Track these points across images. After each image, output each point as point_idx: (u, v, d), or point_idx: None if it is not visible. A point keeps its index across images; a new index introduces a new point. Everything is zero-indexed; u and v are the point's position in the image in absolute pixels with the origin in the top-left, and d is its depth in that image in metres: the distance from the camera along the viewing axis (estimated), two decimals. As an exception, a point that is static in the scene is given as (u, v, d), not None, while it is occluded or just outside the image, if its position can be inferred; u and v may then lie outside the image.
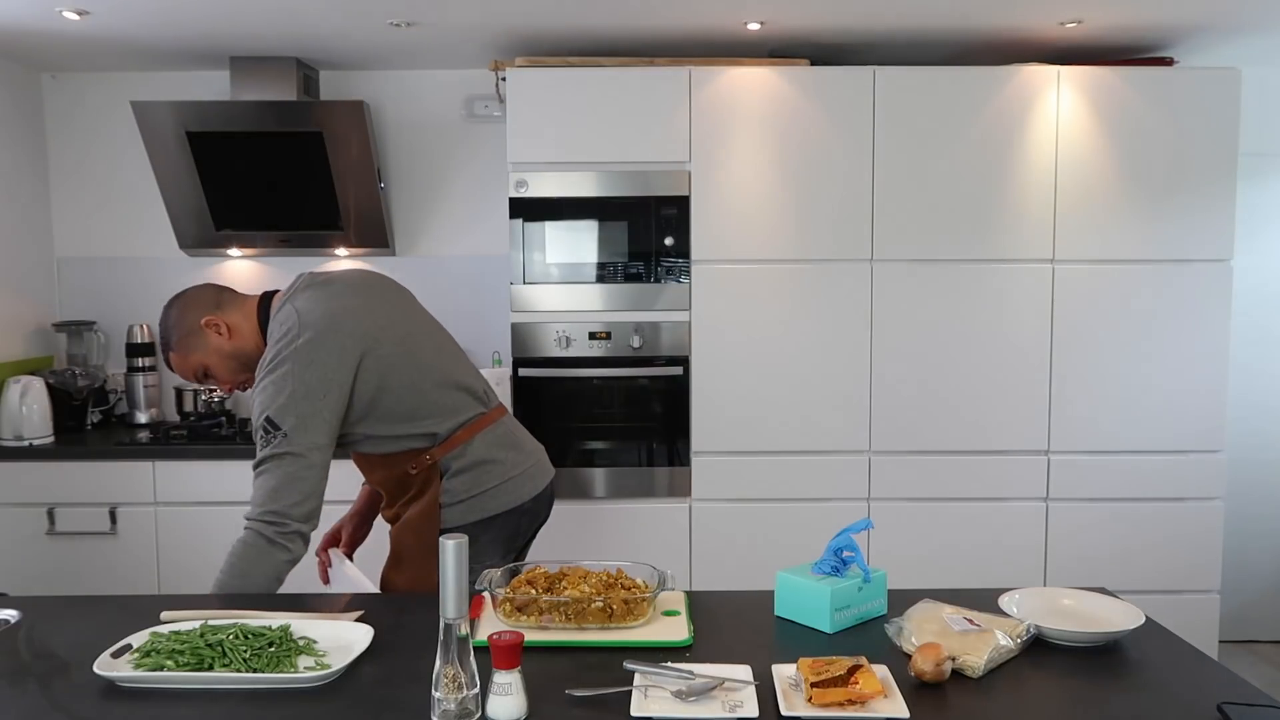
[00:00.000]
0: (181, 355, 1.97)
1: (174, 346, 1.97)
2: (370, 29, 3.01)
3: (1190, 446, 3.15)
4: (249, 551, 1.77)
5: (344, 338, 1.85)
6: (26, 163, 3.52)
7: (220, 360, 1.96)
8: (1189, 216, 3.09)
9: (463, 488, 1.97)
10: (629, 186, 3.07)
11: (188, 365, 1.97)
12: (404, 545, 1.99)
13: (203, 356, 1.96)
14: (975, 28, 3.03)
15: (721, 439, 3.13)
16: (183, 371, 1.98)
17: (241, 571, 1.76)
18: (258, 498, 1.79)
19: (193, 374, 1.98)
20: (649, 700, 1.27)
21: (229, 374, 1.98)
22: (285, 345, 1.83)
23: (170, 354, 1.98)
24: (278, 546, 1.77)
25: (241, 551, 1.77)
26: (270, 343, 1.87)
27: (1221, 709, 1.24)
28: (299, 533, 1.79)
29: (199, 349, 1.95)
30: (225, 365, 1.96)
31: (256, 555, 1.77)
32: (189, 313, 1.96)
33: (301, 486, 1.78)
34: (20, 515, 3.12)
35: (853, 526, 1.65)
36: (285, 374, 1.81)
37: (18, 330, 3.46)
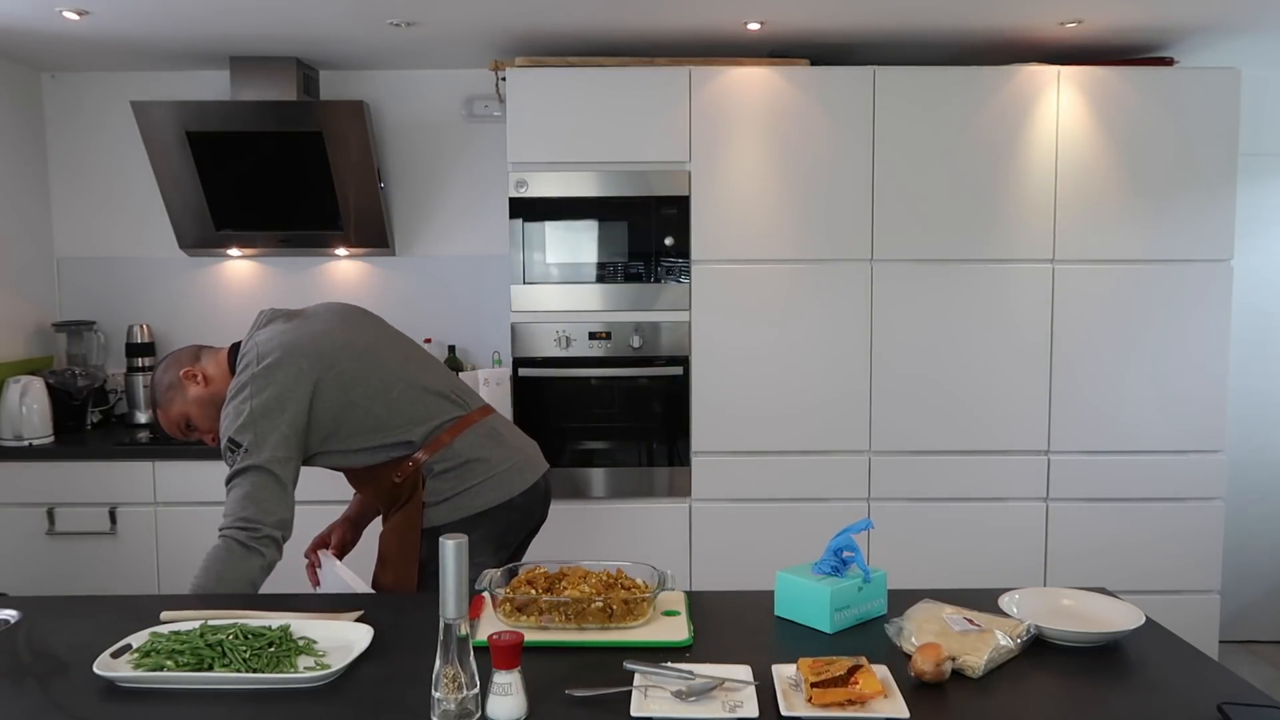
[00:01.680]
0: (165, 410, 2.05)
1: (160, 403, 2.05)
2: (370, 29, 3.01)
3: (1190, 446, 3.15)
4: (224, 555, 1.82)
5: (299, 359, 1.94)
6: (26, 163, 3.52)
7: (199, 409, 2.03)
8: (1189, 216, 3.09)
9: (446, 487, 2.00)
10: (629, 186, 3.07)
11: (170, 418, 2.05)
12: (387, 547, 2.05)
13: (183, 406, 2.03)
14: (975, 28, 3.03)
15: (721, 439, 3.13)
16: (169, 426, 2.06)
17: (217, 575, 1.80)
18: (230, 509, 1.88)
19: (176, 427, 2.06)
20: (649, 700, 1.27)
21: (208, 421, 2.04)
22: (244, 373, 1.94)
23: (158, 411, 2.06)
24: (252, 551, 1.83)
25: (216, 556, 1.82)
26: (234, 379, 1.95)
27: (1221, 709, 1.24)
28: (271, 538, 1.86)
29: (179, 400, 2.03)
30: (204, 413, 2.03)
31: (231, 560, 1.82)
32: (170, 369, 2.05)
33: (267, 495, 1.86)
34: (20, 515, 3.12)
35: (853, 526, 1.65)
36: (244, 398, 1.90)
37: (18, 330, 3.46)
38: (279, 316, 2.06)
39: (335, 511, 3.15)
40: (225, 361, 2.05)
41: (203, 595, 1.79)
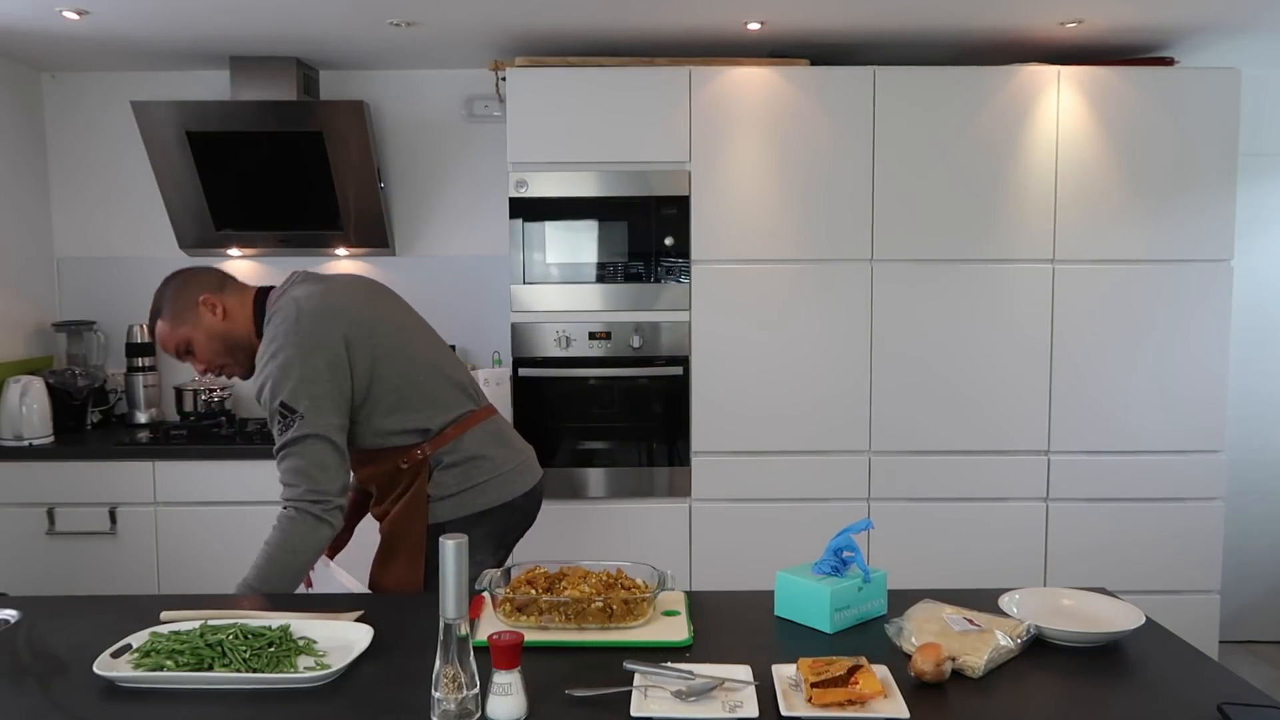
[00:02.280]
0: (170, 326, 1.96)
1: (165, 315, 1.96)
2: (370, 29, 3.01)
3: (1190, 446, 3.15)
4: (300, 528, 1.81)
5: (342, 324, 1.90)
6: (26, 163, 3.52)
7: (207, 340, 1.96)
8: (1189, 216, 3.09)
9: (453, 482, 1.98)
10: (629, 186, 3.07)
11: (172, 337, 1.97)
12: (394, 539, 1.99)
13: (190, 331, 1.96)
14: (975, 28, 3.03)
15: (721, 439, 3.13)
16: (165, 342, 1.98)
17: (294, 548, 1.80)
18: (292, 479, 1.84)
19: (174, 347, 1.98)
20: (649, 700, 1.26)
21: (211, 354, 1.97)
22: (287, 332, 1.86)
23: (159, 321, 1.97)
24: (324, 523, 1.83)
25: (291, 529, 1.81)
26: (270, 331, 1.89)
27: (1221, 709, 1.24)
28: (340, 507, 1.85)
29: (188, 323, 1.96)
30: (210, 345, 1.96)
31: (305, 531, 1.81)
32: (189, 287, 1.97)
33: (331, 463, 1.85)
34: (20, 515, 3.12)
35: (853, 526, 1.65)
36: (290, 359, 1.84)
37: (18, 330, 3.46)
38: (312, 278, 2.00)
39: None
40: (251, 304, 1.97)
41: (202, 596, 1.78)
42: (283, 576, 1.80)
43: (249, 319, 1.97)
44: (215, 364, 1.99)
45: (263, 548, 1.82)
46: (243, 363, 1.99)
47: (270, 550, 1.81)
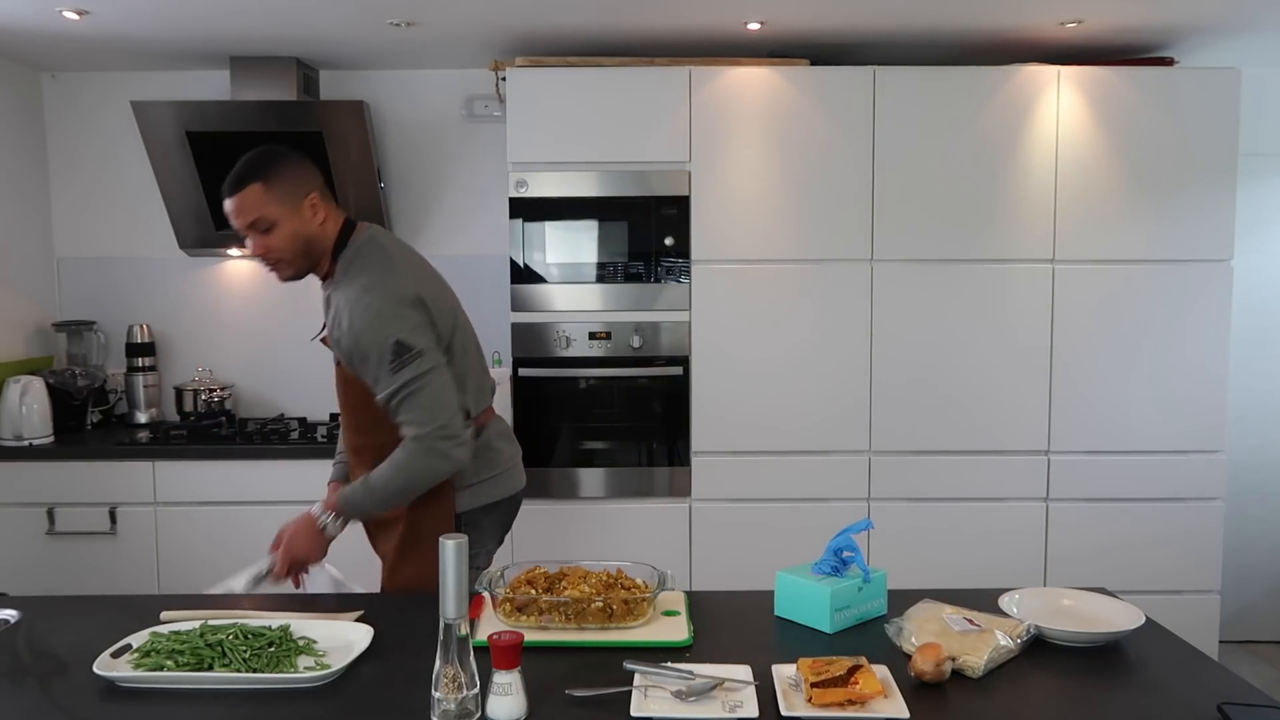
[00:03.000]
0: (266, 196, 1.83)
1: (267, 183, 1.84)
2: (370, 29, 3.01)
3: (1190, 446, 3.14)
4: (426, 460, 1.81)
5: (436, 284, 1.96)
6: (26, 163, 3.52)
7: (293, 233, 1.87)
8: (1189, 216, 3.09)
9: (473, 471, 1.99)
10: (629, 186, 3.07)
11: (260, 207, 1.83)
12: (419, 527, 1.96)
13: (282, 214, 1.85)
14: (975, 28, 3.03)
15: (721, 439, 3.13)
16: (247, 206, 1.83)
17: (414, 475, 1.82)
18: (420, 416, 1.80)
19: (253, 216, 1.84)
20: (649, 700, 1.27)
21: (285, 246, 1.87)
22: (398, 273, 1.87)
23: (255, 184, 1.83)
24: (450, 459, 1.82)
25: (420, 459, 1.81)
26: (370, 269, 1.87)
27: (1221, 709, 1.24)
28: (466, 443, 1.86)
29: (287, 206, 1.85)
30: (292, 240, 1.87)
31: (433, 464, 1.82)
32: (305, 177, 1.89)
33: (452, 401, 1.85)
34: (20, 515, 3.12)
35: (853, 526, 1.65)
36: (400, 300, 1.83)
37: (18, 330, 3.46)
38: (390, 234, 2.00)
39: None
40: (339, 226, 1.92)
41: (202, 595, 1.78)
42: (387, 500, 1.83)
43: (332, 238, 1.91)
44: (280, 256, 1.88)
45: (384, 468, 1.82)
46: (302, 269, 1.93)
47: (391, 473, 1.81)
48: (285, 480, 3.10)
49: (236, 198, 1.84)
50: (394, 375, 1.80)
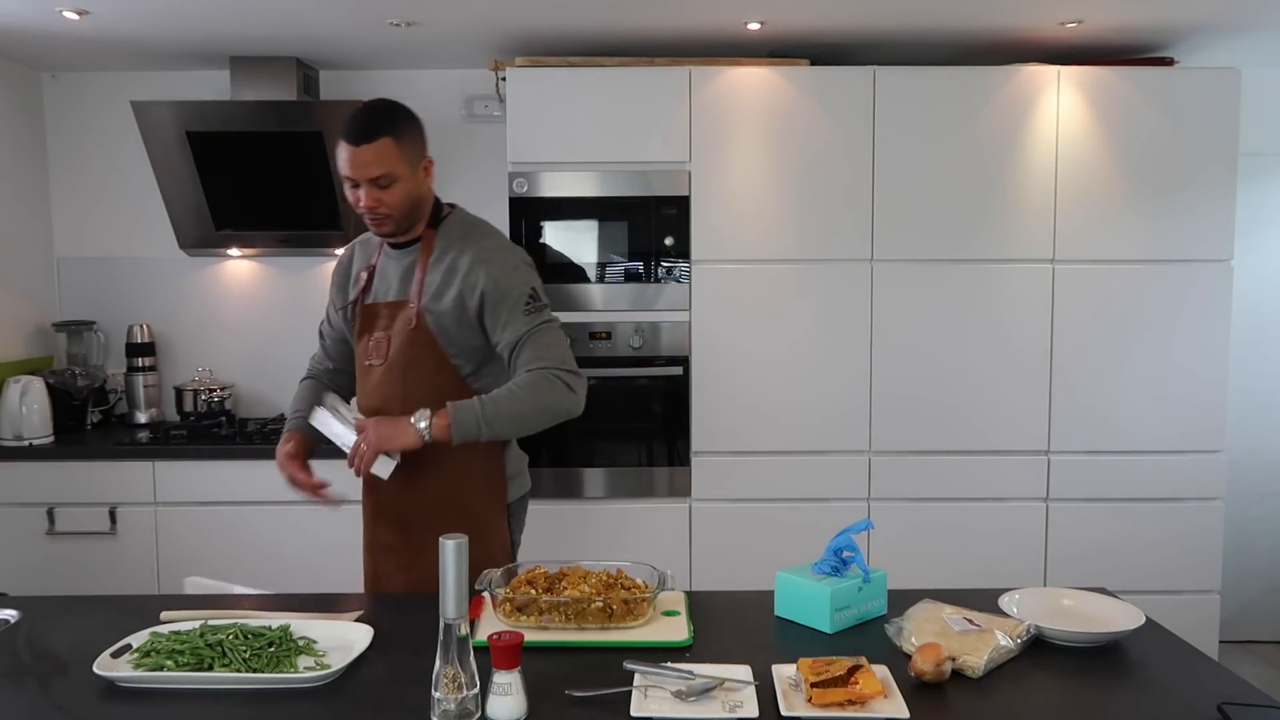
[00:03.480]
0: (397, 151, 1.84)
1: (400, 139, 1.85)
2: (370, 29, 3.01)
3: (1190, 446, 3.14)
4: (553, 387, 1.85)
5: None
6: (26, 163, 3.52)
7: (407, 194, 1.89)
8: (1189, 216, 3.09)
9: (514, 460, 2.06)
10: (629, 186, 3.07)
11: (391, 160, 1.84)
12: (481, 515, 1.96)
13: (403, 172, 1.86)
14: (975, 28, 3.03)
15: (721, 439, 3.13)
16: (380, 158, 1.83)
17: (536, 398, 1.84)
18: (547, 353, 1.88)
19: (377, 171, 1.83)
20: (649, 700, 1.27)
21: (398, 202, 1.88)
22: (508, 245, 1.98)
23: (389, 138, 1.83)
24: (575, 394, 1.89)
25: (546, 386, 1.85)
26: (487, 229, 1.99)
27: (1221, 709, 1.24)
28: (583, 390, 1.92)
29: (408, 165, 1.87)
30: (407, 197, 1.89)
31: (560, 393, 1.86)
32: (423, 139, 1.94)
33: (570, 351, 1.94)
34: (20, 515, 3.12)
35: (853, 526, 1.65)
36: (529, 262, 1.97)
37: (18, 330, 3.46)
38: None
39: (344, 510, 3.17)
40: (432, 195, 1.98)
41: (202, 596, 1.78)
42: (504, 418, 1.82)
43: (430, 205, 1.97)
44: (390, 212, 1.88)
45: (503, 391, 1.84)
46: (401, 228, 1.93)
47: (519, 392, 1.84)
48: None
49: (367, 148, 1.83)
50: (527, 318, 1.89)
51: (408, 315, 1.93)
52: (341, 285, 2.10)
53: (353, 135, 1.84)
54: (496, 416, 1.82)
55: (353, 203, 1.89)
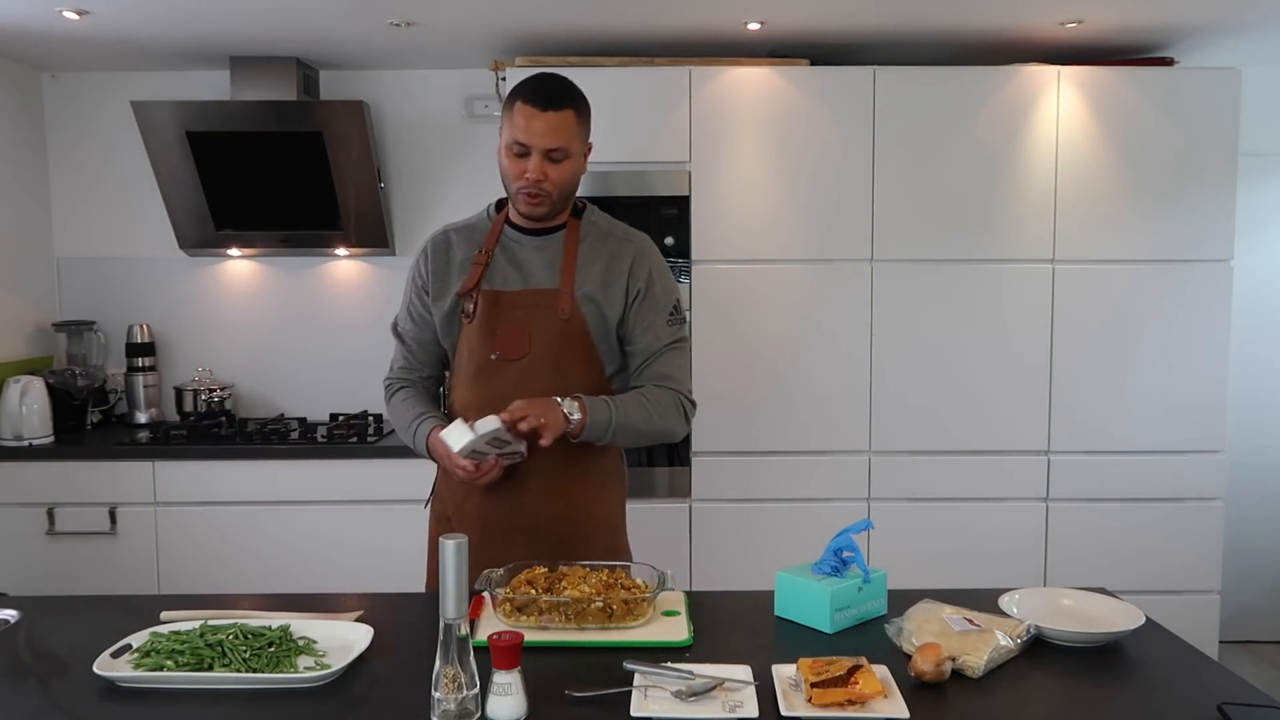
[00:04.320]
0: (575, 121, 1.80)
1: (578, 110, 1.81)
2: (370, 29, 3.01)
3: (1190, 446, 3.14)
4: (676, 412, 1.86)
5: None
6: (26, 163, 3.52)
7: (573, 173, 1.83)
8: (1189, 216, 3.09)
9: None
10: (629, 186, 3.07)
11: (570, 131, 1.78)
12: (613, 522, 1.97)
13: (577, 149, 1.82)
14: (975, 28, 3.03)
15: (721, 439, 3.13)
16: (559, 127, 1.77)
17: (657, 414, 1.83)
18: (685, 378, 1.90)
19: (559, 141, 1.77)
20: (649, 700, 1.26)
21: (563, 184, 1.82)
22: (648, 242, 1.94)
23: (570, 109, 1.78)
24: (687, 425, 1.89)
25: (671, 407, 1.85)
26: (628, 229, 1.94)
27: (1221, 709, 1.24)
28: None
29: (581, 144, 1.84)
30: (571, 179, 1.83)
31: (678, 417, 1.86)
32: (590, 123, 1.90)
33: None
34: (20, 515, 3.12)
35: (853, 526, 1.65)
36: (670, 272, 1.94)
37: (18, 330, 3.46)
38: None
39: (345, 510, 3.16)
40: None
41: (203, 595, 1.78)
42: (624, 426, 1.78)
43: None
44: (554, 188, 1.81)
45: (631, 398, 1.81)
46: (556, 209, 1.86)
47: (650, 408, 1.81)
48: (285, 480, 3.10)
49: (554, 115, 1.77)
50: (670, 329, 1.87)
51: (560, 305, 1.82)
52: (442, 275, 1.89)
53: (540, 100, 1.76)
54: (625, 426, 1.78)
55: (512, 175, 1.80)
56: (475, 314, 1.85)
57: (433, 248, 1.93)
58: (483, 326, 1.84)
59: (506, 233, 1.90)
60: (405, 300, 1.97)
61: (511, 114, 1.79)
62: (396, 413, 1.94)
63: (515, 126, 1.77)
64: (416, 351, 1.97)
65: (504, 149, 1.81)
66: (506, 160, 1.81)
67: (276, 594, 1.79)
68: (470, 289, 1.86)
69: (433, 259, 1.91)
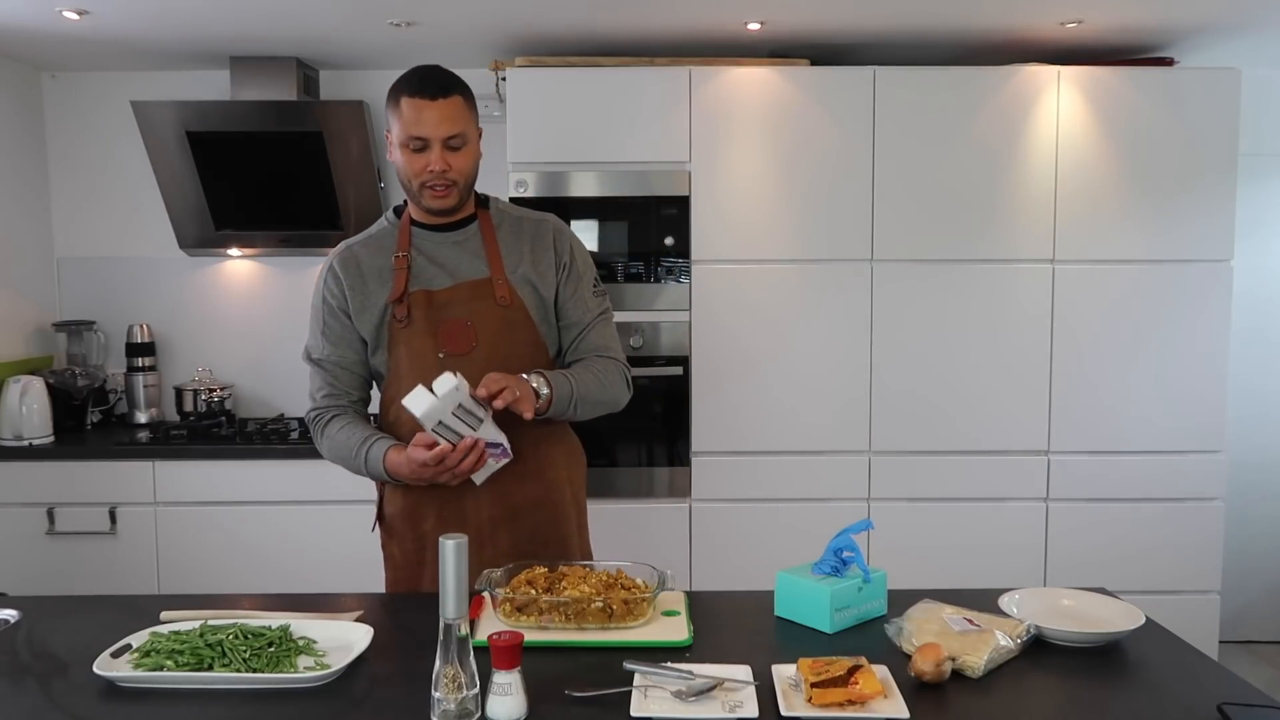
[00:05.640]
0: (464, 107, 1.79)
1: (465, 95, 1.80)
2: (370, 29, 3.01)
3: (1190, 446, 3.14)
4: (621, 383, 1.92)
5: None
6: (26, 163, 3.52)
7: (474, 160, 1.83)
8: (1189, 216, 3.09)
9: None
10: (629, 186, 3.07)
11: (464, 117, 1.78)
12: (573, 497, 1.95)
13: (473, 135, 1.82)
14: (975, 28, 3.03)
15: (721, 439, 3.13)
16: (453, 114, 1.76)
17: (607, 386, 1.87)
18: (619, 347, 1.96)
19: (457, 128, 1.76)
20: (649, 700, 1.27)
21: (466, 172, 1.81)
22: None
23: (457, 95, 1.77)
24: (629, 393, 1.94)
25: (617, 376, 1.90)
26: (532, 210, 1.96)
27: (1221, 709, 1.24)
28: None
29: (475, 129, 1.83)
30: (472, 166, 1.83)
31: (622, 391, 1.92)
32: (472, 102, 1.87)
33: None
34: (20, 515, 3.12)
35: (853, 527, 1.65)
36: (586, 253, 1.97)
37: (18, 330, 3.46)
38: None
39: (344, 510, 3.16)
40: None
41: (203, 595, 1.78)
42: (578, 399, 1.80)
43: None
44: (458, 178, 1.80)
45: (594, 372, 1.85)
46: (463, 199, 1.84)
47: (602, 379, 1.85)
48: (285, 480, 3.10)
49: (445, 103, 1.75)
50: (596, 300, 1.92)
51: (497, 292, 1.82)
52: (359, 289, 1.84)
53: (428, 90, 1.74)
54: (584, 397, 1.81)
55: (412, 172, 1.78)
56: (410, 317, 1.81)
57: (340, 264, 1.86)
58: (422, 327, 1.81)
59: (417, 234, 1.87)
60: (316, 325, 1.88)
61: (399, 110, 1.76)
62: (336, 442, 1.83)
63: (408, 121, 1.75)
64: (341, 375, 1.88)
65: (399, 148, 1.78)
66: (404, 159, 1.78)
67: (276, 594, 1.79)
68: (400, 294, 1.81)
69: (345, 275, 1.85)
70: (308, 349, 1.91)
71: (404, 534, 1.86)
